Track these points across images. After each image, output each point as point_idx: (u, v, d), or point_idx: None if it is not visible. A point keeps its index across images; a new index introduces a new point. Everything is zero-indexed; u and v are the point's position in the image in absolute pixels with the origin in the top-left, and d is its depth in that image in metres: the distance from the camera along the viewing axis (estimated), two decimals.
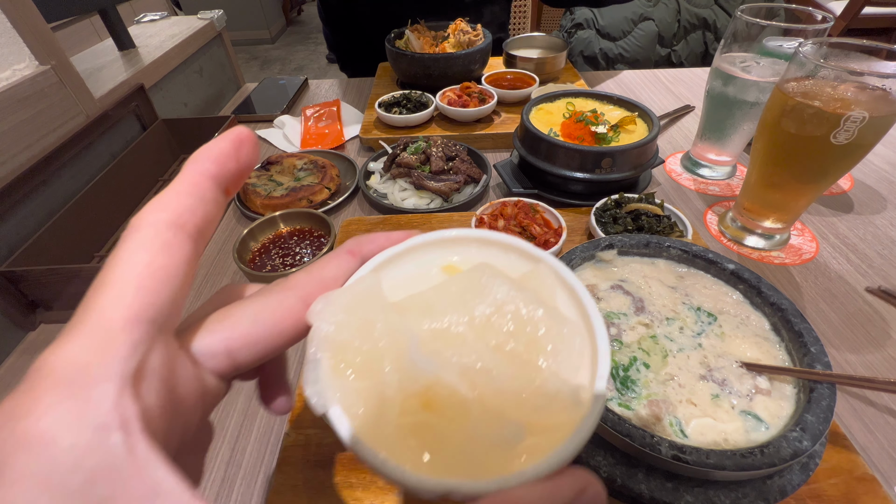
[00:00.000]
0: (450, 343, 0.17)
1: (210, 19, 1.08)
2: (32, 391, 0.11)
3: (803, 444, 0.27)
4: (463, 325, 0.17)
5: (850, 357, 0.47)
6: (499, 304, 0.17)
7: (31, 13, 0.61)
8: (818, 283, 0.55)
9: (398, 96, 0.90)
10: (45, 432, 0.10)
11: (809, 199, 0.55)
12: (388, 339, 0.16)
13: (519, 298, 0.17)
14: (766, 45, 0.61)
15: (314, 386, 0.16)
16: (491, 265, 0.19)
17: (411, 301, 0.18)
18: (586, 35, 1.70)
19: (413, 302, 0.18)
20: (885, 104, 0.44)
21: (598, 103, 0.74)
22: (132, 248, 0.13)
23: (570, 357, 0.17)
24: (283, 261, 0.59)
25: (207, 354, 0.16)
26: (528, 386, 0.16)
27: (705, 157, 0.74)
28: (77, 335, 0.12)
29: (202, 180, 0.15)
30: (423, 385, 0.16)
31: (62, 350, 0.12)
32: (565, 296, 0.19)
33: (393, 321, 0.17)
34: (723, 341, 0.36)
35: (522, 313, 0.17)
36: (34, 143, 0.59)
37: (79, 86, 0.67)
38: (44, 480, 0.10)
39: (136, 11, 1.26)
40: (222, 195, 0.16)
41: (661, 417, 0.31)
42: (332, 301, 0.17)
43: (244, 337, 0.16)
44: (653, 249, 0.43)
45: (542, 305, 0.17)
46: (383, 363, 0.16)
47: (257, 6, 4.11)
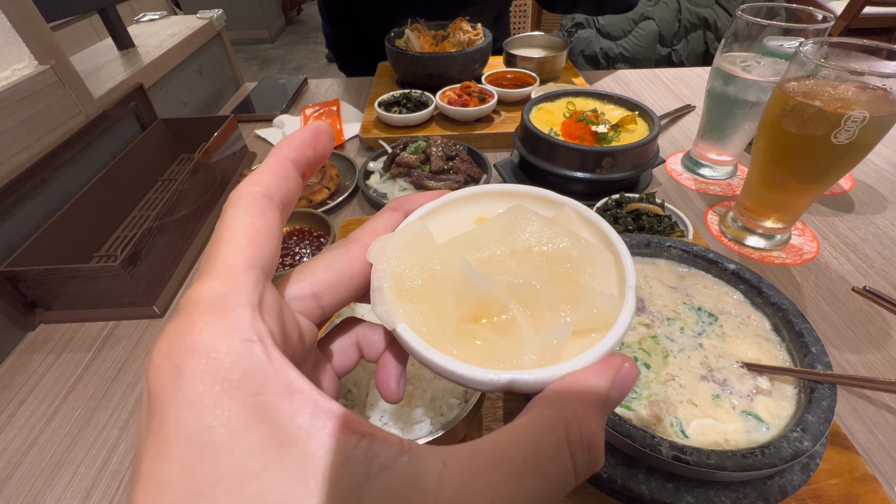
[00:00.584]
0: (496, 268, 0.20)
1: (209, 19, 1.07)
2: (190, 315, 0.14)
3: (804, 444, 0.27)
4: (506, 255, 0.20)
5: (851, 357, 0.46)
6: (535, 235, 0.20)
7: (30, 13, 0.61)
8: (819, 283, 0.55)
9: (398, 96, 0.90)
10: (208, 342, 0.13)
11: (810, 198, 0.55)
12: (442, 267, 0.19)
13: (551, 231, 0.20)
14: (766, 44, 0.60)
15: (381, 307, 0.18)
16: (523, 206, 0.21)
17: (456, 240, 0.21)
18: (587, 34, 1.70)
19: (458, 241, 0.21)
20: (885, 104, 0.44)
21: (599, 103, 0.74)
22: (237, 212, 0.16)
23: (601, 272, 0.19)
24: (282, 261, 0.59)
25: (298, 298, 0.19)
26: (568, 295, 0.18)
27: (706, 157, 0.74)
28: (210, 277, 0.15)
29: (285, 163, 0.18)
30: (476, 301, 0.18)
31: (203, 287, 0.15)
32: (589, 229, 0.22)
33: (443, 253, 0.19)
34: (723, 341, 0.36)
35: (556, 242, 0.20)
36: (33, 142, 0.59)
37: (78, 85, 0.67)
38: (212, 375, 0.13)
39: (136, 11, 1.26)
40: (300, 177, 0.19)
41: (662, 418, 0.31)
42: (387, 241, 0.20)
43: (323, 281, 0.19)
44: (653, 249, 0.43)
45: (571, 235, 0.20)
46: (439, 286, 0.19)
47: (257, 5, 4.10)
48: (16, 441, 0.44)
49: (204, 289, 0.14)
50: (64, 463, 0.42)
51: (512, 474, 0.13)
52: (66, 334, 0.54)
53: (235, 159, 0.80)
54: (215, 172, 0.72)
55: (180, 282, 0.60)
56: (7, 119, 0.56)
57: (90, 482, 0.40)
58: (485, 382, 0.16)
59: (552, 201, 0.23)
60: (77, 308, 0.55)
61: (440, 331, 0.18)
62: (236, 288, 0.15)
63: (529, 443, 0.14)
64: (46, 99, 0.61)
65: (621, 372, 0.16)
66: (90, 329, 0.54)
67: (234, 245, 0.16)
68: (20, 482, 0.40)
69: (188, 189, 0.63)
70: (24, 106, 0.58)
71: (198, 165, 0.66)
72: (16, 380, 0.49)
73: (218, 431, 0.12)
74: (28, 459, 0.42)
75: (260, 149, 0.89)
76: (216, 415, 0.12)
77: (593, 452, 0.14)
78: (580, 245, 0.20)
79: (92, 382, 0.48)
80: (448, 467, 0.13)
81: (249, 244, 0.16)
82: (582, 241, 0.20)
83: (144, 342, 0.53)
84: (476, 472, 0.13)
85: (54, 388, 0.48)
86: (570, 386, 0.16)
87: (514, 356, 0.17)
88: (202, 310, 0.14)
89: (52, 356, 0.51)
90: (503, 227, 0.21)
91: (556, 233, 0.20)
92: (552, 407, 0.15)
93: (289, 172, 0.18)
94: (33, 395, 0.47)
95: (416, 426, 0.33)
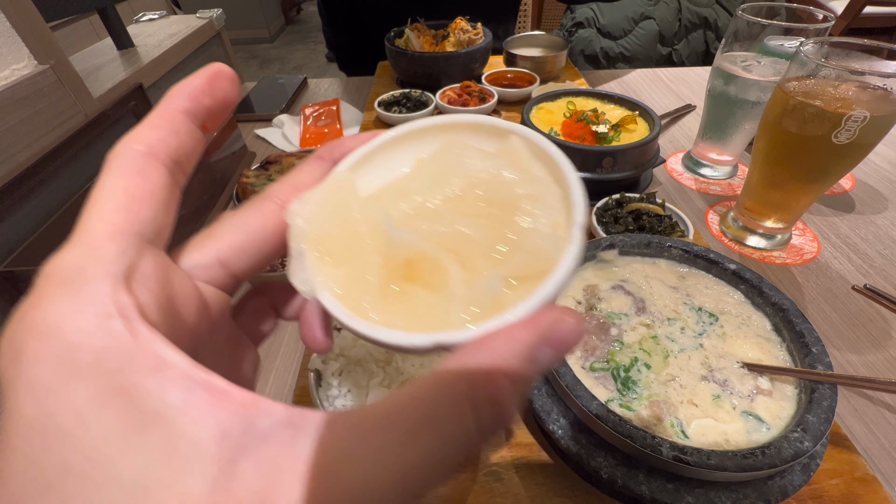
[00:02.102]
0: (425, 218, 0.17)
1: (209, 18, 1.07)
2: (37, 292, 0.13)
3: (804, 444, 0.27)
4: (438, 201, 0.18)
5: (852, 357, 0.46)
6: (469, 175, 0.18)
7: (30, 13, 0.61)
8: (820, 283, 0.55)
9: (398, 95, 0.90)
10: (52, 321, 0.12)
11: (811, 198, 0.54)
12: (365, 224, 0.17)
13: (490, 168, 0.18)
14: (767, 44, 0.60)
15: (301, 275, 0.17)
16: (459, 140, 0.19)
17: (385, 190, 0.19)
18: (587, 34, 1.70)
19: (386, 191, 0.19)
20: (886, 104, 0.44)
21: (599, 102, 0.74)
22: (110, 175, 0.15)
23: (544, 211, 0.17)
24: (282, 261, 0.59)
25: (200, 267, 0.17)
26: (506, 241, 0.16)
27: (706, 157, 0.74)
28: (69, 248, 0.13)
29: (175, 114, 0.16)
30: (403, 259, 0.16)
31: (58, 259, 0.13)
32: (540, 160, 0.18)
33: (368, 208, 0.18)
34: (724, 342, 0.36)
35: (493, 180, 0.18)
36: (33, 142, 0.59)
37: (78, 85, 0.67)
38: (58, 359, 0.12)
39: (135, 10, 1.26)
40: (198, 130, 0.17)
41: (663, 418, 0.31)
42: (306, 199, 0.18)
43: (231, 246, 0.17)
44: (654, 249, 0.43)
45: (512, 170, 0.18)
46: (362, 246, 0.17)
47: (256, 5, 4.10)
48: None
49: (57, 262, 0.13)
50: None
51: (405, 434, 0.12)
52: None
53: (235, 159, 0.80)
54: (215, 172, 0.72)
55: None
56: (7, 118, 0.56)
57: None
58: (408, 347, 0.15)
59: (497, 130, 0.20)
60: None
61: (365, 295, 0.16)
62: (95, 258, 0.13)
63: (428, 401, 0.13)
64: (46, 98, 0.61)
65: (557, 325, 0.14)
66: None
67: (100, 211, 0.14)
68: None
69: (187, 189, 0.63)
70: (23, 105, 0.58)
71: (197, 165, 0.66)
72: None
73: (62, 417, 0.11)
74: None
75: (260, 149, 0.89)
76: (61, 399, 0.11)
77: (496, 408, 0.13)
78: (523, 182, 0.17)
79: None
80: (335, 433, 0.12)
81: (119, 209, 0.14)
82: (525, 176, 0.17)
83: None
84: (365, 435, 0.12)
85: None
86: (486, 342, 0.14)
87: (442, 316, 0.15)
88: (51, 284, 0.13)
89: None
90: (436, 170, 0.19)
91: (495, 170, 0.18)
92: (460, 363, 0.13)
93: (179, 125, 0.16)
94: None
95: None
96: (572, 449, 0.31)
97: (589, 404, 0.30)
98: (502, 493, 0.35)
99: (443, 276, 0.16)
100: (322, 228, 0.17)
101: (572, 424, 0.32)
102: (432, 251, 0.16)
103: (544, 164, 0.18)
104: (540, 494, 0.35)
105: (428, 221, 0.17)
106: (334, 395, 0.35)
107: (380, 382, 0.35)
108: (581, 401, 0.30)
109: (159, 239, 0.15)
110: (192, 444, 0.11)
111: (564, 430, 0.32)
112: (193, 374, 0.13)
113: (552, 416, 0.33)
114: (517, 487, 0.35)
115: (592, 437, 0.31)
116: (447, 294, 0.16)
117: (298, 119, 0.95)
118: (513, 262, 0.16)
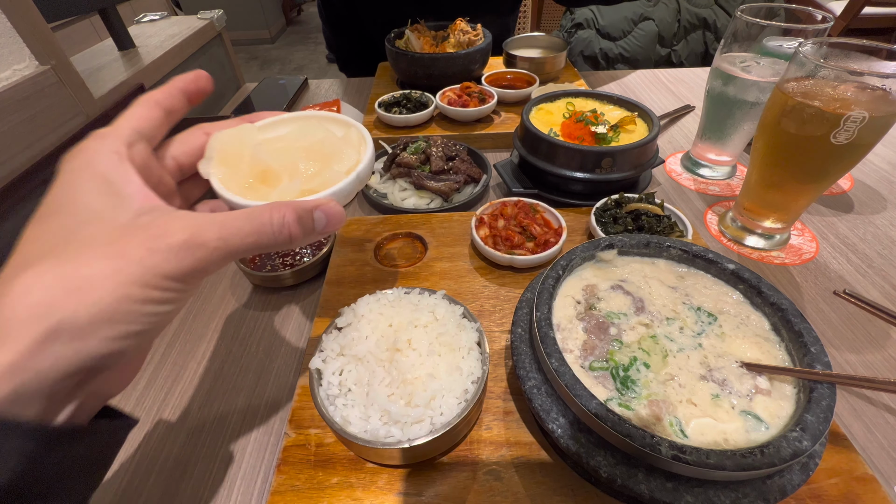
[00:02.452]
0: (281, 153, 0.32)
1: (210, 19, 1.08)
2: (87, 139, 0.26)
3: (803, 444, 0.27)
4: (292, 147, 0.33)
5: (850, 357, 0.47)
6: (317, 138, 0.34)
7: (31, 13, 0.61)
8: (818, 283, 0.55)
9: (398, 96, 0.90)
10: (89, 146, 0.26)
11: (809, 199, 0.55)
12: (247, 150, 0.31)
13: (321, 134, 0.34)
14: (766, 44, 0.61)
15: (205, 167, 0.31)
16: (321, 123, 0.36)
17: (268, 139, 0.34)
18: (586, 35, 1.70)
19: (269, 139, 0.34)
20: (885, 104, 0.44)
21: (598, 103, 0.74)
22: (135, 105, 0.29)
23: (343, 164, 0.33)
24: (283, 261, 0.59)
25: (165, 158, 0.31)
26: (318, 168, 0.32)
27: (705, 157, 0.74)
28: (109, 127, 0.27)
29: (173, 88, 0.30)
30: (260, 170, 0.31)
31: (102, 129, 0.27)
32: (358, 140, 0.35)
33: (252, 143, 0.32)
34: (723, 341, 0.36)
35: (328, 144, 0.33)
36: (34, 142, 0.59)
37: (79, 86, 0.67)
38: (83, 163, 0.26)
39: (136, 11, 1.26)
40: (185, 99, 0.31)
41: (662, 417, 0.31)
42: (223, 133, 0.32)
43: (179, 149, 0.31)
44: (653, 249, 0.43)
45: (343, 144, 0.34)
46: (241, 160, 0.31)
47: (257, 6, 4.11)
48: None
49: (99, 130, 0.27)
50: None
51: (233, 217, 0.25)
52: None
53: None
54: None
55: None
56: (8, 119, 0.56)
57: None
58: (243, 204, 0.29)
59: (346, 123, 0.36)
60: None
61: (235, 183, 0.31)
62: (116, 131, 0.27)
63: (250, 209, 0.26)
64: (47, 99, 0.62)
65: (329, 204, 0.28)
66: None
67: (125, 118, 0.28)
68: None
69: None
70: (24, 106, 0.58)
71: None
72: None
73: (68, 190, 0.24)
74: None
75: None
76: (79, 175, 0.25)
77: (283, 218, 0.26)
78: (333, 143, 0.34)
79: None
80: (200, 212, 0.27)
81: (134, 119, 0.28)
82: (335, 141, 0.34)
83: None
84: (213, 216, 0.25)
85: None
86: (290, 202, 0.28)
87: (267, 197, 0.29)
88: (94, 136, 0.26)
89: None
90: (299, 132, 0.35)
91: (324, 135, 0.34)
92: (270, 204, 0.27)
93: (176, 93, 0.30)
94: None
95: (415, 426, 0.33)
96: (572, 448, 0.31)
97: (588, 403, 0.30)
98: (502, 491, 0.35)
99: (277, 180, 0.31)
100: (223, 147, 0.31)
101: (571, 423, 0.32)
102: (276, 167, 0.31)
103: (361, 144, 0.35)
104: (539, 493, 0.35)
105: (281, 155, 0.32)
106: (335, 394, 0.35)
107: (380, 381, 0.35)
108: (580, 400, 0.30)
109: (151, 141, 0.29)
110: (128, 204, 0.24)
111: (564, 429, 0.32)
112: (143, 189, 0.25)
113: (551, 416, 0.33)
114: (517, 486, 0.35)
115: (592, 436, 0.31)
116: (276, 189, 0.30)
117: None
118: (314, 181, 0.31)
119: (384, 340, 0.37)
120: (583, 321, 0.38)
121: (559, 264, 0.40)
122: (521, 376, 0.36)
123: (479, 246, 0.54)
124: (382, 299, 0.41)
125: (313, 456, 0.38)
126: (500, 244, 0.54)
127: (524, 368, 0.36)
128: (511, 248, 0.54)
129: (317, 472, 0.36)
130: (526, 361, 0.36)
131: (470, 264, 0.55)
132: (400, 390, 0.34)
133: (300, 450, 0.38)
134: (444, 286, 0.53)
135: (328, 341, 0.38)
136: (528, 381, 0.35)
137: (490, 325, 0.48)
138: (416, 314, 0.39)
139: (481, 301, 0.51)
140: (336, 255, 0.58)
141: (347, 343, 0.37)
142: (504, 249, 0.54)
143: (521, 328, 0.39)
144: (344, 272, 0.55)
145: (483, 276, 0.54)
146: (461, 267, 0.55)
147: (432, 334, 0.38)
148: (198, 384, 0.48)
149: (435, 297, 0.41)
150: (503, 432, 0.39)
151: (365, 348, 0.36)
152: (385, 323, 0.39)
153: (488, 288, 0.52)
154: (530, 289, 0.43)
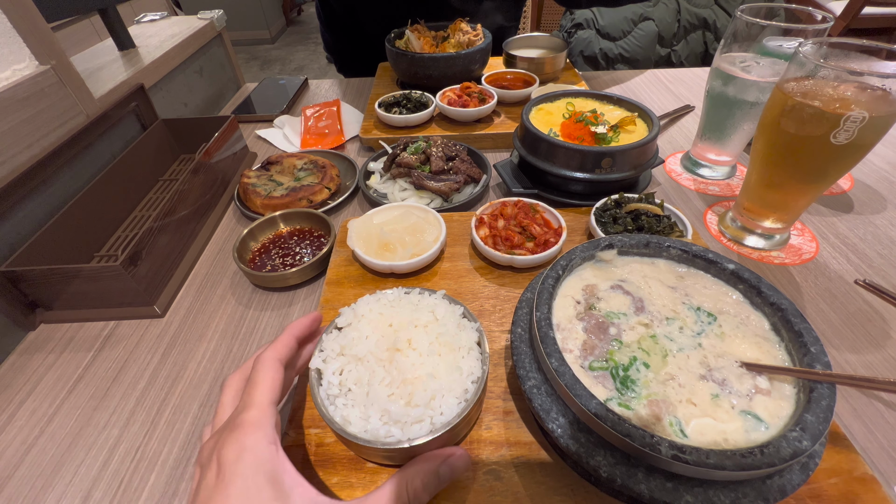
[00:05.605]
0: (393, 231, 0.56)
1: (210, 19, 1.08)
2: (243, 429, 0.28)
3: (803, 443, 0.27)
4: (399, 226, 0.57)
5: (850, 357, 0.47)
6: (410, 218, 0.58)
7: (31, 13, 0.61)
8: (818, 283, 0.55)
9: (398, 96, 0.90)
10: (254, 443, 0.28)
11: (809, 199, 0.55)
12: (373, 231, 0.56)
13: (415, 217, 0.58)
14: (765, 44, 0.61)
15: (350, 243, 0.54)
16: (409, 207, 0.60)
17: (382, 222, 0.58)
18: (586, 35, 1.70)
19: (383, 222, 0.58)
20: (884, 104, 0.44)
21: (598, 103, 0.74)
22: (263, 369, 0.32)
23: (431, 231, 0.57)
24: (283, 261, 0.59)
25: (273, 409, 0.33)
26: (416, 240, 0.55)
27: (705, 157, 0.74)
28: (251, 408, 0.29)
29: (290, 339, 0.36)
30: (384, 243, 0.55)
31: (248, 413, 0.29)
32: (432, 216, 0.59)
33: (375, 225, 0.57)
34: (723, 341, 0.36)
35: (419, 223, 0.57)
36: (34, 142, 0.59)
37: (79, 86, 0.67)
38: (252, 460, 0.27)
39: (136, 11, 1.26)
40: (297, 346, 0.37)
41: (661, 417, 0.31)
42: (353, 224, 0.56)
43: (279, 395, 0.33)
44: (653, 249, 0.43)
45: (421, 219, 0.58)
46: (371, 238, 0.55)
47: (257, 6, 4.11)
48: (16, 441, 0.44)
49: (248, 415, 0.29)
50: (64, 463, 0.42)
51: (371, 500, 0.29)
52: (66, 334, 0.54)
53: (236, 160, 0.80)
54: (216, 173, 0.72)
55: (181, 282, 0.60)
56: (8, 119, 0.56)
57: (90, 482, 0.40)
58: (376, 264, 0.52)
59: (425, 210, 0.59)
60: (78, 308, 0.55)
61: (370, 251, 0.53)
62: (265, 415, 0.29)
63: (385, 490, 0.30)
64: (47, 99, 0.62)
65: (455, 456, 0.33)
66: (91, 329, 0.54)
67: (262, 390, 0.31)
68: (20, 482, 0.41)
69: (189, 189, 0.63)
70: (24, 106, 0.58)
71: (198, 166, 0.66)
72: (16, 380, 0.49)
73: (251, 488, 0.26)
74: (28, 459, 0.42)
75: (260, 149, 0.89)
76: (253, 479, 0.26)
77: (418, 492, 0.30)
78: (422, 223, 0.57)
79: (92, 382, 0.48)
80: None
81: (271, 390, 0.31)
82: (422, 222, 0.57)
83: (145, 342, 0.53)
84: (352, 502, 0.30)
85: (55, 388, 0.48)
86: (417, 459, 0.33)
87: (393, 258, 0.53)
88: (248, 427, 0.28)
89: (53, 356, 0.52)
90: (400, 217, 0.58)
91: (417, 217, 0.58)
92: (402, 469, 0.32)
93: (292, 345, 0.35)
94: (34, 395, 0.48)
95: (415, 426, 0.33)
96: (571, 448, 0.31)
97: (588, 403, 0.30)
98: (502, 491, 0.35)
99: (395, 250, 0.54)
100: (358, 231, 0.55)
101: (571, 423, 0.32)
102: (393, 241, 0.55)
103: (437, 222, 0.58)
104: (539, 493, 0.35)
105: (394, 232, 0.56)
106: (335, 394, 0.35)
107: (380, 381, 0.35)
108: (580, 400, 0.30)
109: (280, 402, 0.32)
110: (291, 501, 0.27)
111: (564, 428, 0.32)
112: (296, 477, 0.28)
113: (551, 415, 0.33)
114: (517, 486, 0.35)
115: (591, 435, 0.31)
116: (396, 254, 0.54)
117: (299, 120, 0.95)
118: (417, 246, 0.55)
119: (384, 340, 0.37)
120: (582, 321, 0.38)
121: (559, 264, 0.40)
122: (521, 376, 0.36)
123: (478, 246, 0.54)
124: (382, 299, 0.41)
125: (313, 456, 0.38)
126: (499, 244, 0.54)
127: (524, 368, 0.36)
128: (511, 248, 0.54)
129: (317, 471, 0.37)
130: (526, 361, 0.36)
131: (470, 264, 0.56)
132: (400, 390, 0.34)
133: (300, 450, 0.38)
134: (444, 286, 0.53)
135: (328, 341, 0.38)
136: (528, 381, 0.35)
137: (490, 325, 0.48)
138: (416, 314, 0.39)
139: (481, 301, 0.51)
140: (336, 255, 0.58)
141: (347, 343, 0.37)
142: (504, 249, 0.54)
143: (520, 328, 0.39)
144: (344, 272, 0.56)
145: (483, 276, 0.54)
146: (461, 267, 0.55)
147: (432, 334, 0.38)
148: (198, 384, 0.48)
149: (435, 297, 0.41)
150: (503, 432, 0.39)
151: (365, 348, 0.36)
152: (385, 323, 0.39)
153: (488, 288, 0.52)
154: (530, 289, 0.43)
